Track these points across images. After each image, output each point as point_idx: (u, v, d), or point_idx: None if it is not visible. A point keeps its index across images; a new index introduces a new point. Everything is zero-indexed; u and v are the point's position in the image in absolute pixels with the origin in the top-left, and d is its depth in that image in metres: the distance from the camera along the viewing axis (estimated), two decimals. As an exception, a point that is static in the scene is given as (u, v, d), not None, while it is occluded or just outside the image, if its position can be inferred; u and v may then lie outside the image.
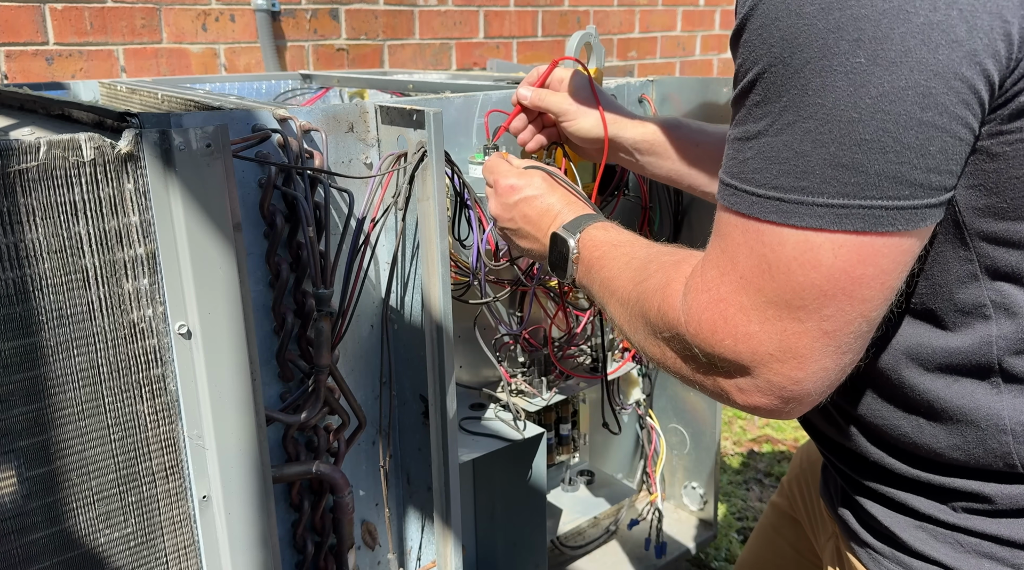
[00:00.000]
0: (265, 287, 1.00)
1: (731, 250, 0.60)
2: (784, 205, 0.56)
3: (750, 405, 0.63)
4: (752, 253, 0.59)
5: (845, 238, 0.55)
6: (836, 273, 0.56)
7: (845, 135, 0.54)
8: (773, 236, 0.57)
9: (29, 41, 1.97)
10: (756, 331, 0.59)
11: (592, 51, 1.27)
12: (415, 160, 0.99)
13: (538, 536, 1.33)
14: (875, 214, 0.54)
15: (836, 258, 0.55)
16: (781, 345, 0.59)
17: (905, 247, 0.56)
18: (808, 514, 1.04)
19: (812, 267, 0.56)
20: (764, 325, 0.59)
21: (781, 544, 1.13)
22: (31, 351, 0.70)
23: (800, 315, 0.57)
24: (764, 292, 0.58)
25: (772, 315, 0.58)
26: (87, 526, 0.77)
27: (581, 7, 3.16)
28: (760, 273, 0.58)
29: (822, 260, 0.56)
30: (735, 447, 2.62)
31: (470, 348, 1.32)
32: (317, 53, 2.49)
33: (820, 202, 0.55)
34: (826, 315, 0.57)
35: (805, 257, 0.56)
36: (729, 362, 0.61)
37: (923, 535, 0.71)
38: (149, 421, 0.78)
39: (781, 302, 0.58)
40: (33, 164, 0.67)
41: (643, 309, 0.70)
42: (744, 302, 0.59)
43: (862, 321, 0.58)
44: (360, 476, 1.17)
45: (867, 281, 0.56)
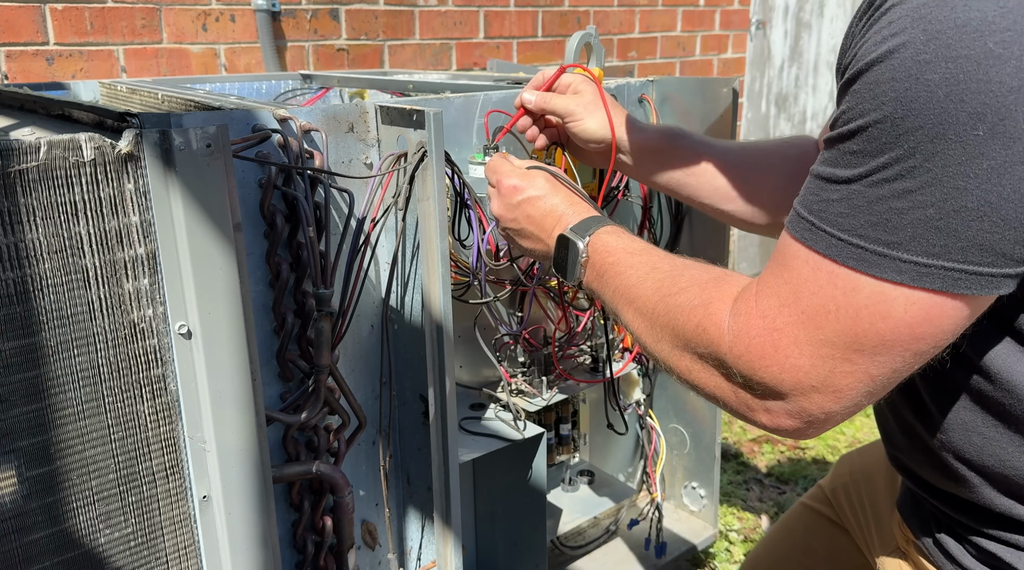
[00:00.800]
0: (265, 287, 1.00)
1: (796, 283, 0.62)
2: (867, 254, 0.58)
3: (773, 426, 0.66)
4: (820, 292, 0.60)
5: (920, 295, 0.57)
6: (902, 327, 0.58)
7: (947, 201, 0.55)
8: (848, 281, 0.59)
9: (29, 41, 1.97)
10: (805, 364, 0.61)
11: (592, 51, 1.27)
12: (415, 160, 0.99)
13: (538, 536, 1.33)
14: (954, 277, 0.56)
15: (906, 313, 0.58)
16: (827, 381, 0.61)
17: (969, 311, 0.59)
18: (860, 524, 1.04)
19: (881, 317, 0.58)
20: (815, 361, 0.61)
21: (815, 546, 1.12)
22: (31, 351, 0.70)
23: (854, 357, 0.60)
24: (824, 331, 0.60)
25: (826, 353, 0.60)
26: (87, 526, 0.77)
27: (581, 7, 3.16)
28: (824, 313, 0.60)
29: (892, 312, 0.58)
30: (735, 447, 2.62)
31: (470, 348, 1.32)
32: (317, 53, 2.49)
33: (905, 258, 0.57)
34: (879, 361, 0.60)
35: (877, 307, 0.58)
36: (767, 387, 0.64)
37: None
38: (149, 421, 0.78)
39: (839, 343, 0.60)
40: (33, 164, 0.68)
41: (674, 323, 0.71)
42: (800, 336, 0.61)
43: (906, 371, 0.61)
44: (360, 476, 1.17)
45: (927, 338, 0.59)
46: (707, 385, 0.70)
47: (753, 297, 0.65)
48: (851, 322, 0.59)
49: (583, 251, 0.85)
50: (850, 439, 2.66)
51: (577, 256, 0.85)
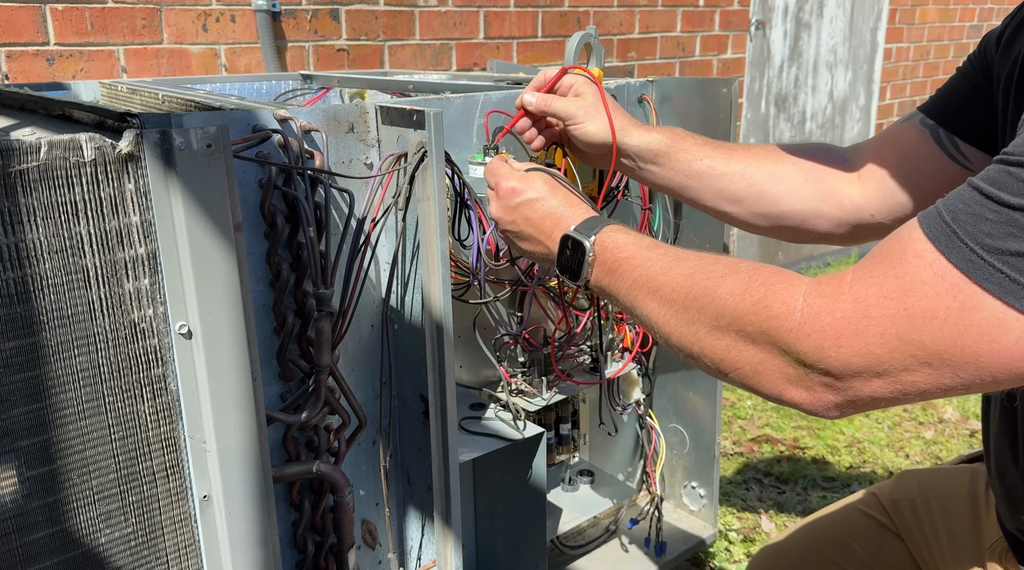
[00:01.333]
0: (265, 287, 1.00)
1: (909, 281, 0.60)
2: (1005, 280, 0.56)
3: (808, 401, 0.64)
4: (935, 298, 0.58)
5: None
6: (1003, 354, 0.57)
7: None
8: (972, 298, 0.57)
9: (30, 41, 1.97)
10: (883, 356, 0.60)
11: (592, 52, 1.27)
12: (415, 160, 0.99)
13: (538, 536, 1.33)
14: None
15: (1016, 344, 0.56)
16: (895, 374, 0.60)
17: None
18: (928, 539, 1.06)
19: (988, 340, 0.57)
20: (895, 355, 0.60)
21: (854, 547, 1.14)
22: (32, 351, 0.70)
23: (938, 365, 0.59)
24: (921, 333, 0.59)
25: (912, 352, 0.59)
26: (87, 526, 0.77)
27: (581, 7, 3.16)
28: (930, 318, 0.58)
29: (1002, 340, 0.57)
30: (735, 447, 2.62)
31: (470, 348, 1.32)
32: (317, 53, 2.49)
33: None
34: (957, 375, 0.59)
35: (990, 330, 0.57)
36: (826, 368, 0.62)
37: None
38: (150, 421, 0.78)
39: (931, 348, 0.58)
40: (34, 164, 0.68)
41: (717, 304, 0.70)
42: (891, 330, 0.60)
43: (971, 391, 0.60)
44: (360, 476, 1.17)
45: (1013, 370, 0.57)
46: (748, 363, 0.68)
47: (847, 283, 0.63)
48: (955, 334, 0.57)
49: (590, 249, 0.84)
50: (849, 438, 2.66)
51: (584, 255, 0.84)
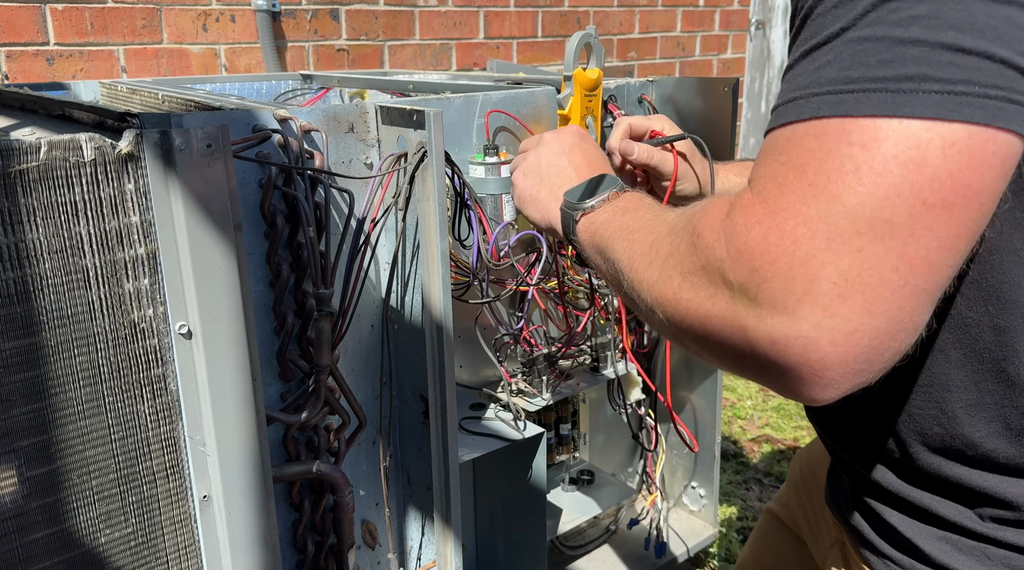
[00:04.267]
0: (265, 287, 1.00)
1: (796, 160, 0.51)
2: (890, 95, 0.48)
3: (782, 360, 0.52)
4: (831, 156, 0.49)
5: (957, 133, 0.48)
6: (942, 176, 0.48)
7: (968, 19, 0.48)
8: (867, 132, 0.49)
9: (30, 41, 1.97)
10: (821, 250, 0.49)
11: (592, 51, 1.27)
12: (415, 160, 0.99)
13: (538, 536, 1.33)
14: (997, 106, 0.48)
15: (945, 158, 0.48)
16: (850, 273, 0.49)
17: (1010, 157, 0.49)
18: (808, 522, 1.02)
19: (915, 167, 0.48)
20: (834, 243, 0.49)
21: (782, 549, 1.12)
22: (32, 351, 0.70)
23: (886, 232, 0.48)
24: (843, 199, 0.49)
25: (848, 229, 0.49)
26: (87, 526, 0.77)
27: (581, 7, 3.16)
28: (841, 177, 0.49)
29: (929, 159, 0.48)
30: (735, 447, 2.62)
31: (470, 348, 1.32)
32: (317, 53, 2.49)
33: (937, 89, 0.48)
34: (916, 232, 0.48)
35: (908, 154, 0.48)
36: (773, 295, 0.51)
37: (947, 547, 0.66)
38: (149, 421, 0.78)
39: (865, 213, 0.48)
40: (34, 164, 0.68)
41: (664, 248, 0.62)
42: (811, 214, 0.49)
43: (951, 256, 0.50)
44: (360, 476, 1.17)
45: (971, 195, 0.48)
46: (696, 312, 0.57)
47: (749, 191, 0.54)
48: (878, 180, 0.48)
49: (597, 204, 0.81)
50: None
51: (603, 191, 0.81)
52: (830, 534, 0.90)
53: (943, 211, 0.48)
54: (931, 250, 0.49)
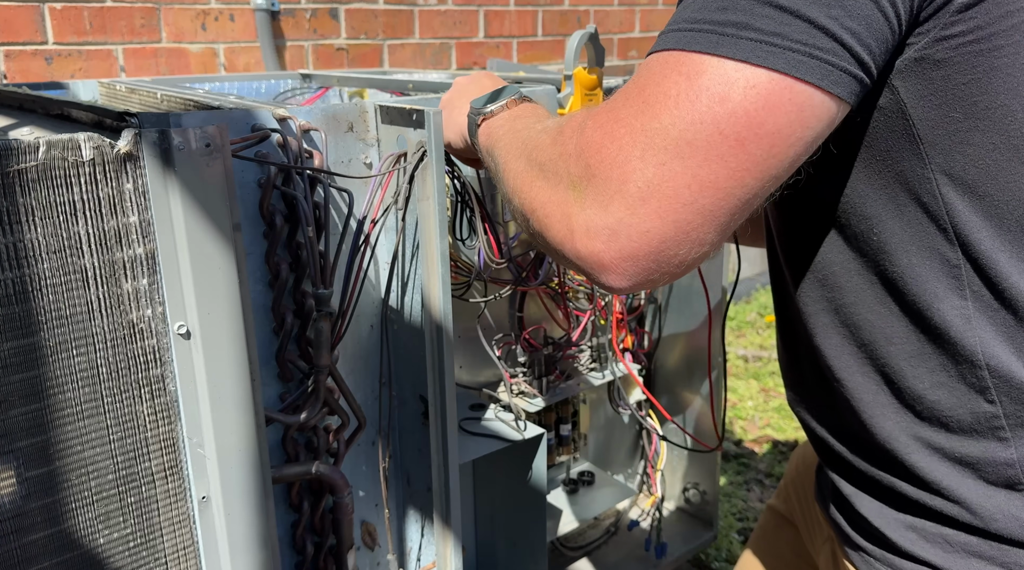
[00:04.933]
0: (265, 287, 1.00)
1: (643, 80, 0.60)
2: (713, 36, 0.57)
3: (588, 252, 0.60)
4: (665, 80, 0.58)
5: (760, 76, 0.55)
6: (739, 112, 0.55)
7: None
8: (693, 65, 0.57)
9: (28, 41, 1.97)
10: (635, 158, 0.57)
11: (592, 51, 1.27)
12: (415, 160, 0.99)
13: (538, 537, 1.32)
14: (797, 58, 0.55)
15: (745, 97, 0.55)
16: (652, 182, 0.57)
17: (808, 109, 0.56)
18: (804, 517, 1.04)
19: (720, 100, 0.55)
20: (646, 154, 0.57)
21: (781, 547, 1.12)
22: (30, 351, 0.70)
23: (686, 152, 0.56)
24: (661, 118, 0.57)
25: (658, 145, 0.57)
26: (86, 527, 0.77)
27: (581, 7, 3.16)
28: (665, 99, 0.57)
29: (732, 95, 0.55)
30: (735, 447, 2.62)
31: (470, 348, 1.32)
32: (317, 53, 2.49)
33: (751, 37, 0.56)
34: (710, 158, 0.56)
35: (717, 89, 0.56)
36: (595, 190, 0.59)
37: (912, 535, 0.71)
38: (148, 421, 0.78)
39: (673, 132, 0.56)
40: (32, 164, 0.67)
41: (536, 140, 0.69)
42: (636, 126, 0.58)
43: (738, 187, 0.57)
44: (360, 476, 1.16)
45: (762, 134, 0.56)
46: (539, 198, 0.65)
47: (605, 102, 0.63)
48: (689, 107, 0.56)
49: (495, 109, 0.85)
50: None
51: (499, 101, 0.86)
52: (822, 531, 0.92)
53: (735, 143, 0.56)
54: (720, 176, 0.56)
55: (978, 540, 0.67)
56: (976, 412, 0.66)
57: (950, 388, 0.66)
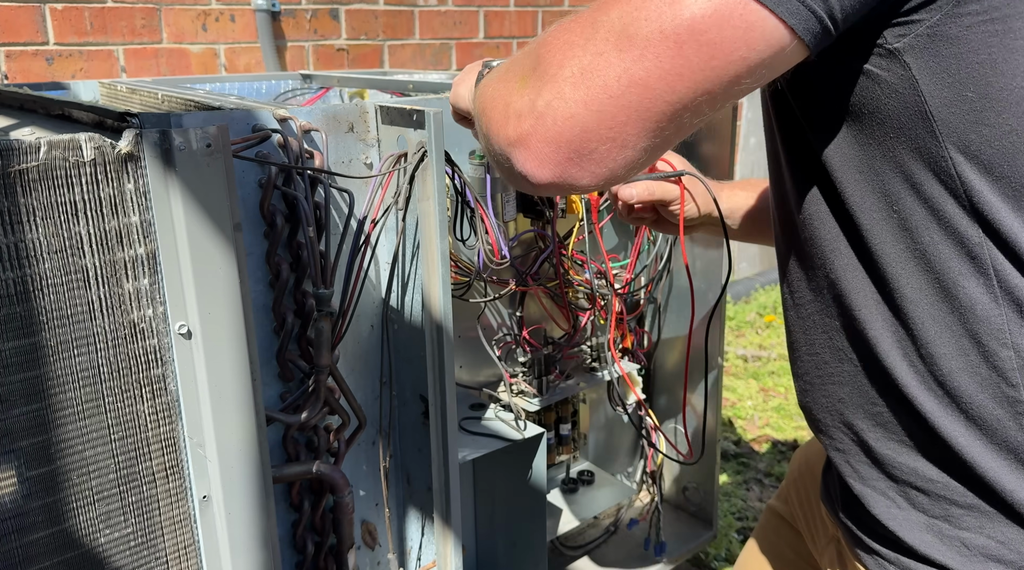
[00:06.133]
0: (265, 287, 1.00)
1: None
2: None
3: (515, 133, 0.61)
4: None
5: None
6: (686, 16, 0.55)
7: None
8: None
9: (29, 41, 1.97)
10: (577, 45, 0.58)
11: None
12: (415, 160, 0.99)
13: (538, 536, 1.33)
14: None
15: (695, 4, 0.55)
16: (586, 69, 0.57)
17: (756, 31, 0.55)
18: (806, 518, 1.03)
19: (669, 3, 0.55)
20: (588, 43, 0.58)
21: (781, 548, 1.12)
22: (31, 351, 0.70)
23: (624, 45, 0.56)
24: (611, 12, 0.57)
25: (601, 36, 0.57)
26: (87, 526, 0.77)
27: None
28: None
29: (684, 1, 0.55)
30: (734, 447, 2.62)
31: (470, 348, 1.32)
32: (317, 53, 2.49)
33: None
34: (645, 55, 0.55)
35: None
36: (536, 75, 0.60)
37: (929, 538, 0.70)
38: (149, 421, 0.78)
39: (618, 25, 0.56)
40: (33, 164, 0.67)
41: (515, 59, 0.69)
42: (586, 18, 0.59)
43: (670, 94, 0.57)
44: (360, 476, 1.17)
45: (702, 43, 0.55)
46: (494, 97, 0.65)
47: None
48: (640, 2, 0.56)
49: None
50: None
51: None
52: (826, 532, 0.91)
53: (672, 45, 0.55)
54: (651, 75, 0.56)
55: (997, 545, 0.67)
56: (999, 397, 0.65)
57: (971, 373, 0.65)
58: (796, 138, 0.70)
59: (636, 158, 0.60)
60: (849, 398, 0.75)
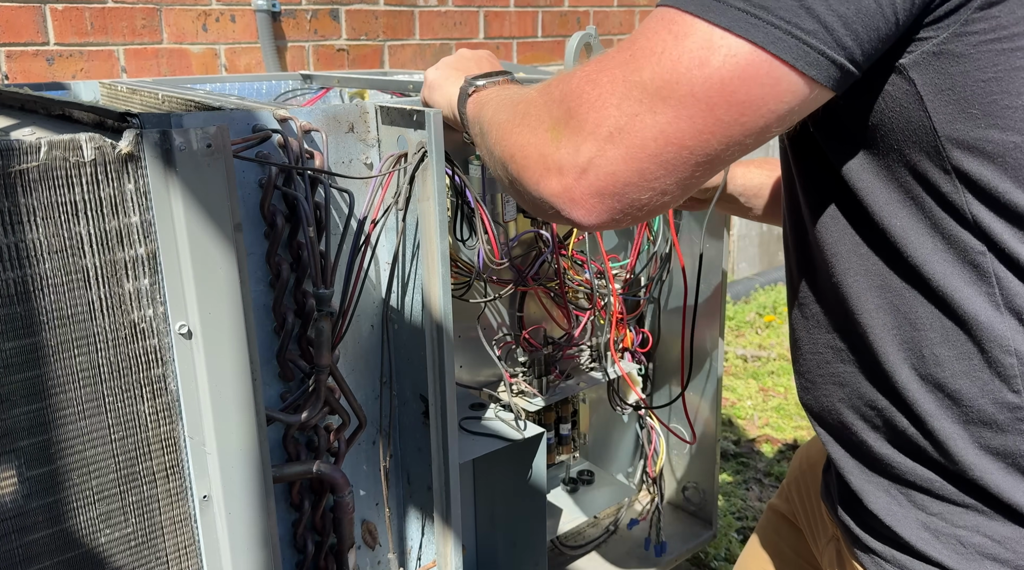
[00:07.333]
0: (266, 287, 1.00)
1: (637, 32, 0.62)
2: (709, 2, 0.58)
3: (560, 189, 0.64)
4: (654, 37, 0.60)
5: (741, 47, 0.57)
6: (715, 79, 0.58)
7: None
8: (683, 25, 0.59)
9: (30, 41, 1.97)
10: (612, 105, 0.61)
11: (592, 51, 1.27)
12: (415, 160, 0.99)
13: (538, 536, 1.33)
14: (777, 35, 0.56)
15: (724, 64, 0.57)
16: (623, 128, 0.60)
17: (783, 86, 0.58)
18: (807, 517, 1.04)
19: (699, 64, 0.58)
20: (622, 103, 0.60)
21: (782, 547, 1.12)
22: (32, 351, 0.70)
23: (658, 108, 0.59)
24: (642, 72, 0.60)
25: (636, 96, 0.60)
26: (87, 526, 0.77)
27: (581, 7, 3.16)
28: (650, 55, 0.60)
29: (711, 61, 0.57)
30: (735, 447, 2.62)
31: (470, 348, 1.32)
32: (317, 53, 2.49)
33: (739, 7, 0.57)
34: (679, 116, 0.59)
35: (700, 53, 0.58)
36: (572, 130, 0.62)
37: (926, 535, 0.70)
38: (149, 421, 0.78)
39: (651, 87, 0.59)
40: (34, 164, 0.68)
41: (527, 97, 0.72)
42: (618, 75, 0.61)
43: (704, 149, 0.60)
44: (360, 476, 1.17)
45: (733, 103, 0.58)
46: (518, 142, 0.68)
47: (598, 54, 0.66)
48: (671, 65, 0.59)
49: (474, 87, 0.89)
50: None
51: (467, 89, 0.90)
52: (826, 531, 0.92)
53: (705, 107, 0.58)
54: (685, 135, 0.59)
55: (993, 543, 0.67)
56: (999, 402, 0.65)
57: (973, 378, 0.66)
58: (806, 144, 0.71)
59: (676, 200, 0.64)
60: (849, 398, 0.75)
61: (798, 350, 0.83)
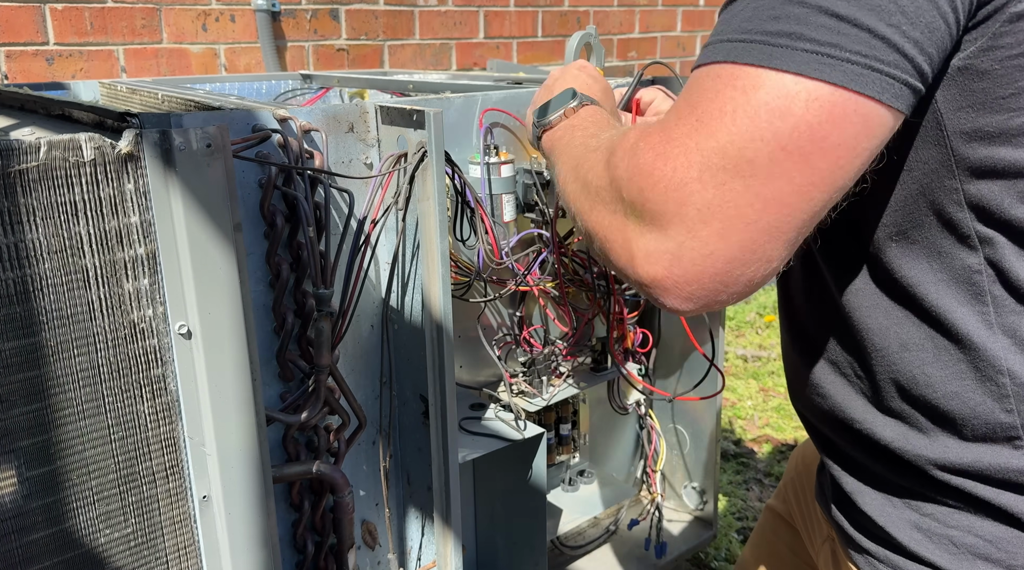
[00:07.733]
0: (265, 287, 1.00)
1: (695, 96, 0.57)
2: (768, 48, 0.54)
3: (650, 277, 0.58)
4: (719, 96, 0.55)
5: (822, 90, 0.53)
6: (802, 127, 0.53)
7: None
8: (749, 79, 0.54)
9: (29, 41, 1.97)
10: (693, 180, 0.55)
11: (592, 51, 1.27)
12: (415, 160, 0.99)
13: (538, 536, 1.33)
14: (856, 71, 0.53)
15: (807, 110, 0.53)
16: (712, 203, 0.54)
17: (873, 121, 0.54)
18: (803, 517, 1.04)
19: (780, 115, 0.53)
20: (704, 175, 0.55)
21: (780, 547, 1.13)
22: (31, 351, 0.70)
23: (746, 171, 0.54)
24: (717, 137, 0.55)
25: (717, 164, 0.54)
26: (87, 526, 0.77)
27: (581, 7, 3.16)
28: (720, 116, 0.55)
29: (793, 109, 0.53)
30: (735, 447, 2.62)
31: (470, 348, 1.32)
32: (317, 53, 2.49)
33: (807, 48, 0.53)
34: (773, 175, 0.54)
35: (777, 102, 0.53)
36: (652, 214, 0.57)
37: (918, 535, 0.70)
38: (149, 421, 0.78)
39: (732, 151, 0.54)
40: (33, 164, 0.68)
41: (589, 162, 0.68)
42: (691, 146, 0.55)
43: (804, 202, 0.55)
44: (360, 476, 1.17)
45: (827, 148, 0.54)
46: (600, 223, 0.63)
47: (657, 122, 0.60)
48: (748, 123, 0.53)
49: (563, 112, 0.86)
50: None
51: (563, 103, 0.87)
52: (821, 531, 0.92)
53: (799, 159, 0.53)
54: (784, 193, 0.54)
55: (985, 543, 0.67)
56: (991, 422, 0.65)
57: (964, 399, 0.65)
58: None
59: (781, 264, 0.59)
60: (840, 408, 0.75)
61: (789, 359, 0.83)
